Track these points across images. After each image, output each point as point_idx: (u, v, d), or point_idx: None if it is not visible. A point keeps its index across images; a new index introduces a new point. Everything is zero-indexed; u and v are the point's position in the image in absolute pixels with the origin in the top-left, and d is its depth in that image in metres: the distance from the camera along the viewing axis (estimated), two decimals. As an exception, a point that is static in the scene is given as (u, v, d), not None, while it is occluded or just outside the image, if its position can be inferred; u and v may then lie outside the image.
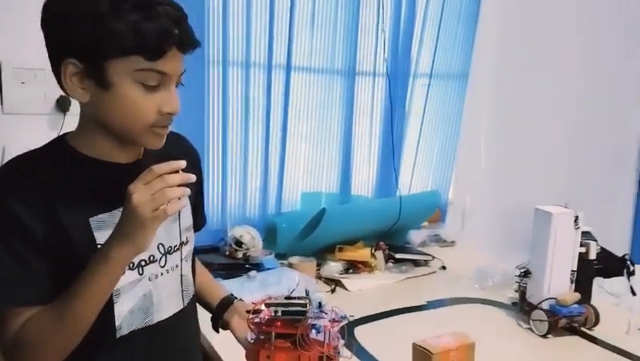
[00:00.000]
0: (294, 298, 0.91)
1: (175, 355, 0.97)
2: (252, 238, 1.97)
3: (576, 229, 1.52)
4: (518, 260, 2.04)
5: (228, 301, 1.09)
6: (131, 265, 0.88)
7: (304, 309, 0.87)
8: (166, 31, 0.77)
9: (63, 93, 0.83)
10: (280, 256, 2.01)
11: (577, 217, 1.51)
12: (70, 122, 1.70)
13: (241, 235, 1.95)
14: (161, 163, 0.76)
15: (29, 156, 0.85)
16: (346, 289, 1.85)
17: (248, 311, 0.91)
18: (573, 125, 2.87)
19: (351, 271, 1.98)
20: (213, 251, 1.96)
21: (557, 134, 2.82)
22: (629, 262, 2.58)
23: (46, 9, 0.81)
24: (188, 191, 0.77)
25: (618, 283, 2.51)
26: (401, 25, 2.31)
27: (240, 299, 1.12)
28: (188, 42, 0.81)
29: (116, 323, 0.87)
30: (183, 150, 1.03)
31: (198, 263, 1.14)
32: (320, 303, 0.90)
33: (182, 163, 0.77)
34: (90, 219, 0.83)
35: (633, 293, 2.48)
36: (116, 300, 0.86)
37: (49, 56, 0.82)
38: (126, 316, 0.88)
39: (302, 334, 0.85)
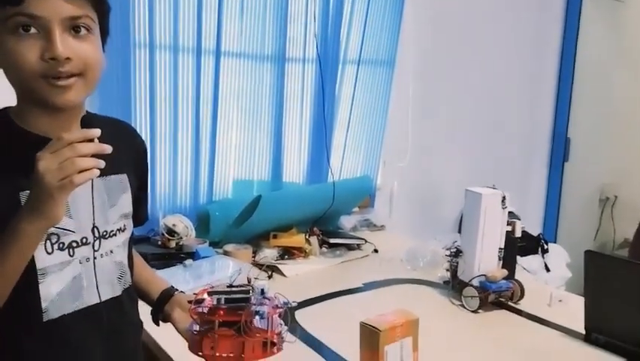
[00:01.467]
0: (237, 286, 0.89)
1: (111, 343, 0.92)
2: (185, 227, 1.91)
3: (503, 208, 1.60)
4: (445, 241, 2.14)
5: (169, 293, 1.06)
6: (61, 245, 0.85)
7: (247, 296, 0.86)
8: None
9: None
10: (214, 245, 1.98)
11: (504, 197, 1.60)
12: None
13: (174, 224, 1.89)
14: (74, 130, 0.73)
15: None
16: (283, 275, 1.85)
17: (190, 301, 0.89)
18: (492, 110, 3.03)
19: (286, 257, 1.98)
20: (145, 241, 1.89)
21: (477, 119, 2.97)
22: (543, 241, 2.79)
23: None
24: (101, 163, 0.73)
25: (534, 260, 2.71)
26: (330, 11, 2.32)
27: (181, 291, 1.09)
28: None
29: (43, 305, 0.83)
30: (127, 137, 1.00)
31: (137, 256, 1.09)
32: (262, 290, 0.89)
33: (97, 132, 0.74)
34: (20, 193, 0.80)
35: (547, 270, 2.69)
36: (41, 280, 0.82)
37: None
38: (54, 298, 0.84)
39: (246, 321, 0.84)
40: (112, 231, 0.93)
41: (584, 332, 1.43)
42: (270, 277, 1.82)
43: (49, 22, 0.76)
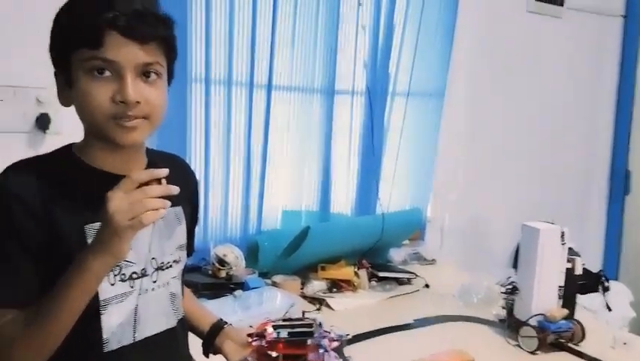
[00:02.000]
0: (294, 319, 0.91)
1: None
2: (235, 257, 1.93)
3: (562, 244, 1.54)
4: (498, 277, 2.07)
5: (219, 326, 1.07)
6: (123, 276, 0.86)
7: (311, 330, 0.87)
8: (101, 18, 0.78)
9: (42, 111, 0.83)
10: (262, 275, 1.98)
11: (563, 233, 1.53)
12: (52, 140, 1.66)
13: (225, 254, 1.91)
14: (142, 170, 0.76)
15: (33, 159, 0.87)
16: (331, 308, 1.83)
17: (249, 335, 0.90)
18: (547, 142, 2.95)
19: (334, 290, 1.96)
20: (196, 271, 1.91)
21: (532, 152, 2.89)
22: (603, 278, 2.65)
23: None
24: (168, 203, 0.76)
25: (595, 299, 2.58)
26: (379, 43, 2.33)
27: (230, 324, 1.10)
28: (134, 29, 0.80)
29: (104, 336, 0.85)
30: (184, 176, 1.03)
31: (186, 288, 1.11)
32: (320, 323, 0.91)
33: (164, 172, 0.76)
34: (85, 226, 0.83)
35: (609, 309, 2.55)
36: (103, 311, 0.84)
37: None
38: (115, 330, 0.86)
39: (308, 354, 0.85)
40: (168, 262, 0.94)
41: (652, 378, 1.34)
42: (318, 310, 1.80)
43: (123, 67, 0.80)
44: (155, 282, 0.91)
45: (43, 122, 1.67)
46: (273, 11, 2.04)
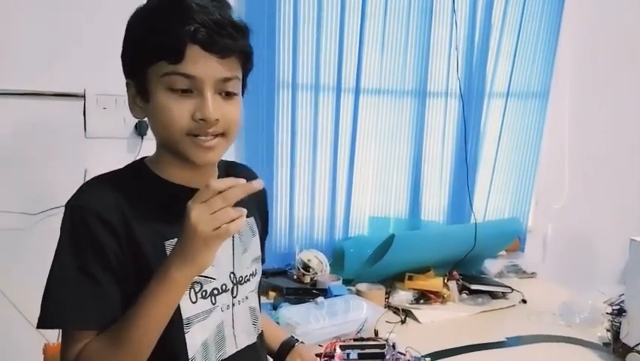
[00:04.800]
0: (365, 339, 0.93)
1: None
2: (319, 263, 1.92)
3: (679, 262, 1.35)
4: (606, 295, 1.87)
5: (290, 343, 1.06)
6: (204, 293, 0.85)
7: (382, 351, 0.87)
8: (182, 30, 0.75)
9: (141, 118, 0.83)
10: (347, 282, 1.94)
11: (680, 250, 1.35)
12: (148, 145, 1.75)
13: (309, 260, 1.90)
14: (221, 180, 0.73)
15: (109, 175, 0.86)
16: (417, 320, 1.75)
17: (318, 355, 0.91)
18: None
19: (422, 301, 1.88)
20: (282, 274, 1.93)
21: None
22: None
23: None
24: (245, 210, 0.73)
25: None
26: (475, 43, 2.22)
27: (301, 342, 1.09)
28: (215, 43, 0.76)
29: (189, 355, 0.84)
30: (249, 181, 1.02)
31: None
32: (394, 344, 0.93)
33: (242, 180, 0.73)
34: (166, 242, 0.82)
35: None
36: (187, 330, 0.83)
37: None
38: (199, 349, 0.84)
39: None
40: (246, 276, 0.94)
41: None
42: (403, 322, 1.72)
43: (203, 83, 0.78)
44: (235, 297, 0.90)
45: (141, 129, 1.77)
46: (362, 11, 2.01)
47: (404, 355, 0.84)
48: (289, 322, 1.45)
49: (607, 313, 1.50)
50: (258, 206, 1.03)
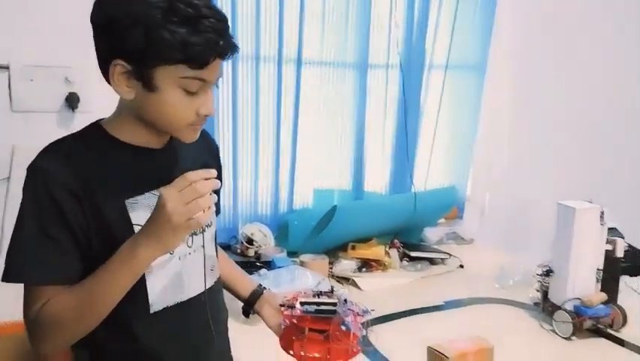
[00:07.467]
0: (323, 293, 1.00)
1: (206, 331, 1.00)
2: (263, 236, 1.92)
3: (602, 225, 1.43)
4: (540, 258, 1.96)
5: (259, 292, 1.13)
6: None
7: (334, 308, 0.95)
8: (211, 44, 0.82)
9: (71, 90, 0.81)
10: (292, 254, 1.96)
11: (602, 213, 1.43)
12: (81, 119, 1.68)
13: (252, 233, 1.91)
14: (194, 171, 0.79)
15: (67, 140, 0.88)
16: (360, 288, 1.79)
17: (282, 305, 1.00)
18: (598, 117, 2.76)
19: (364, 269, 1.92)
20: (226, 249, 1.92)
21: (580, 125, 2.72)
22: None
23: (98, 9, 0.84)
24: (215, 198, 0.80)
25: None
26: (415, 16, 2.24)
27: (268, 289, 1.16)
28: (230, 51, 0.85)
29: (150, 300, 0.90)
30: (205, 142, 1.06)
31: (222, 251, 1.19)
32: (345, 300, 0.98)
33: (214, 172, 0.80)
34: (126, 200, 0.86)
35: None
36: (148, 277, 0.90)
37: (97, 53, 0.86)
38: (159, 293, 0.92)
39: (332, 330, 0.94)
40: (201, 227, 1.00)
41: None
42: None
43: (210, 85, 0.85)
44: (190, 247, 0.95)
45: (72, 102, 1.69)
46: (302, -16, 1.99)
47: (351, 310, 0.94)
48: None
49: (537, 274, 1.58)
50: (213, 159, 1.08)
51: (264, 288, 1.16)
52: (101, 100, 0.92)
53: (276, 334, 1.03)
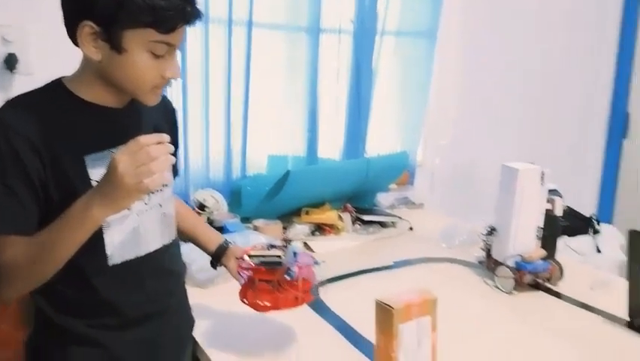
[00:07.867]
0: (274, 246, 1.12)
1: (165, 284, 1.08)
2: (215, 202, 1.91)
3: (542, 185, 1.50)
4: (486, 219, 2.04)
5: (224, 246, 1.22)
6: None
7: (279, 260, 1.06)
8: (179, 10, 0.86)
9: (10, 51, 0.80)
10: (245, 220, 1.96)
11: (543, 173, 1.49)
12: (21, 81, 1.61)
13: (204, 199, 1.90)
14: (147, 135, 0.81)
15: (31, 94, 0.92)
16: (312, 251, 1.82)
17: (237, 258, 1.12)
18: (544, 84, 2.86)
19: (317, 233, 1.95)
20: (175, 215, 1.90)
21: (528, 94, 2.81)
22: (594, 221, 2.63)
23: None
24: (173, 160, 0.82)
25: (584, 241, 2.56)
26: (367, -21, 2.23)
27: (233, 243, 1.25)
28: (196, 17, 0.90)
29: (107, 252, 0.95)
30: (164, 105, 1.08)
31: (188, 207, 1.30)
32: (295, 252, 1.09)
33: (166, 137, 0.82)
34: (85, 156, 0.90)
35: (598, 251, 2.53)
36: (105, 231, 0.94)
37: (64, 13, 0.88)
38: (117, 246, 0.96)
39: (278, 279, 1.05)
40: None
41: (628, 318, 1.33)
42: (296, 254, 1.78)
43: (175, 48, 0.90)
44: (146, 204, 1.00)
45: (10, 63, 1.61)
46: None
47: (299, 261, 1.08)
48: (185, 260, 1.45)
49: (482, 234, 1.65)
50: (167, 118, 1.11)
51: (229, 242, 1.24)
52: (43, 61, 0.90)
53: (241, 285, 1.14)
